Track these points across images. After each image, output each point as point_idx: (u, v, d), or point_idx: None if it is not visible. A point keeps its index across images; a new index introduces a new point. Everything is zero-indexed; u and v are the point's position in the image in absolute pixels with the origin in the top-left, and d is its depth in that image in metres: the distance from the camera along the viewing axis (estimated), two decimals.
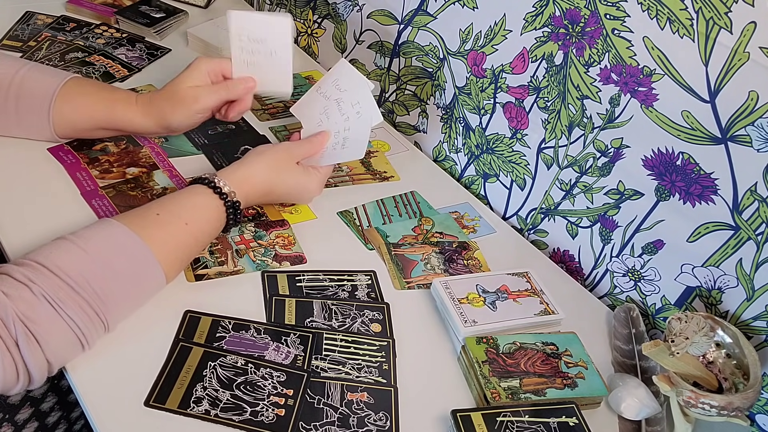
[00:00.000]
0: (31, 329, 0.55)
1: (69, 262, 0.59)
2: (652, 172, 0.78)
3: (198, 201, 0.72)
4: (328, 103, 0.84)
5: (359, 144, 0.83)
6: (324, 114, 0.85)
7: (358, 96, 0.83)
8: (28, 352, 0.54)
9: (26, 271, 0.57)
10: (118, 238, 0.64)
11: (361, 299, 0.76)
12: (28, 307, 0.55)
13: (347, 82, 0.84)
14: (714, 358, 0.71)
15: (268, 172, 0.78)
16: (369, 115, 0.82)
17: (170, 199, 0.71)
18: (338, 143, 0.84)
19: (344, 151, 0.84)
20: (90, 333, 0.59)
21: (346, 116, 0.83)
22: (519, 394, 0.67)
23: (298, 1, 1.23)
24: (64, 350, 0.58)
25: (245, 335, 0.69)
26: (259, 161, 0.78)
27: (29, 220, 0.75)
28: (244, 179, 0.75)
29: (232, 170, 0.76)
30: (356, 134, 0.83)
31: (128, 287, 0.63)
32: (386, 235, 0.87)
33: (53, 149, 0.84)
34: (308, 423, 0.62)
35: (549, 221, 0.93)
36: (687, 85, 0.71)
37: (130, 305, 0.65)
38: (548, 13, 0.82)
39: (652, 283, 0.83)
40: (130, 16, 1.15)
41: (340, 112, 0.84)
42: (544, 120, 0.88)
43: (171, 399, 0.61)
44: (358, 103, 0.83)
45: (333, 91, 0.84)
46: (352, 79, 0.83)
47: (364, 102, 0.83)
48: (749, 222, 0.71)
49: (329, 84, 0.85)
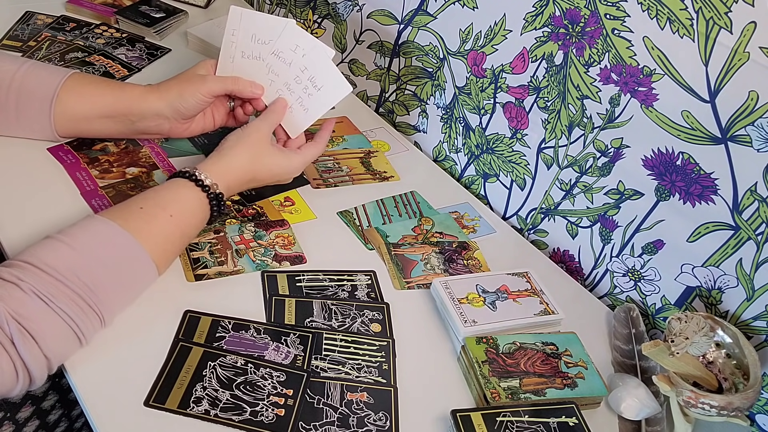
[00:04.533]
0: (25, 326, 0.55)
1: (56, 258, 0.59)
2: (652, 172, 0.78)
3: (181, 194, 0.72)
4: (263, 62, 0.83)
5: (329, 81, 0.81)
6: (271, 73, 0.83)
7: (289, 41, 0.81)
8: (25, 349, 0.54)
9: (14, 270, 0.57)
10: (104, 232, 0.64)
11: (361, 299, 0.76)
12: (19, 304, 0.55)
13: (266, 33, 0.82)
14: (714, 358, 0.71)
15: (247, 161, 0.78)
16: (316, 49, 0.81)
17: (152, 193, 0.71)
18: (303, 94, 0.83)
19: (314, 98, 0.83)
20: (85, 325, 0.59)
21: (291, 63, 0.82)
22: (519, 394, 0.67)
23: (298, 1, 1.23)
24: (60, 344, 0.58)
25: (245, 335, 0.69)
26: (236, 151, 0.78)
27: (29, 219, 0.75)
28: (224, 171, 0.76)
29: (212, 162, 0.76)
30: (317, 71, 0.81)
31: (119, 277, 0.64)
32: (386, 235, 0.87)
33: (53, 149, 0.84)
34: (308, 423, 0.62)
35: (549, 221, 0.93)
36: (687, 85, 0.71)
37: (123, 296, 0.65)
38: (548, 13, 0.82)
39: (652, 283, 0.83)
40: (130, 16, 1.15)
41: (284, 63, 0.82)
42: (544, 120, 0.88)
43: (171, 399, 0.61)
44: (297, 47, 0.81)
45: (258, 48, 0.82)
46: (267, 27, 0.81)
47: (302, 43, 0.81)
48: (749, 222, 0.71)
49: (246, 41, 0.82)
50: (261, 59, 0.83)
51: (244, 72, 0.84)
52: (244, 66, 0.84)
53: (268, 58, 0.83)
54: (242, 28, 0.82)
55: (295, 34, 0.81)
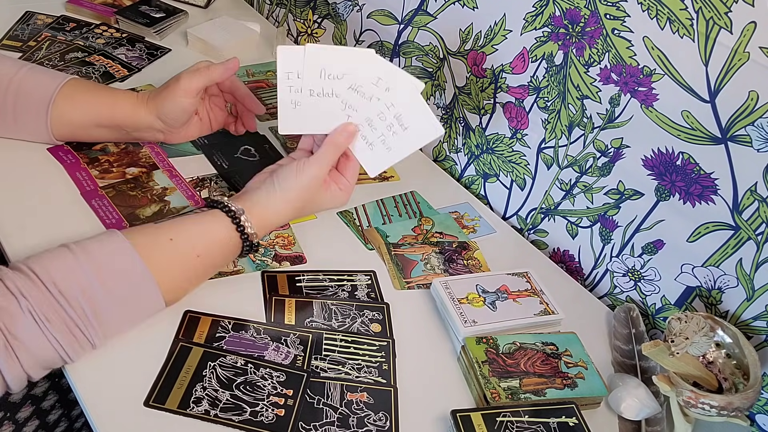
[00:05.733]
0: (12, 345, 0.54)
1: (65, 279, 0.57)
2: (652, 172, 0.78)
3: (215, 234, 0.68)
4: (337, 98, 0.73)
5: (418, 120, 0.71)
6: (348, 109, 0.74)
7: (369, 73, 0.71)
8: (7, 366, 0.54)
9: (19, 280, 0.55)
10: (122, 259, 0.61)
11: (361, 299, 0.76)
12: (12, 321, 0.54)
13: (338, 66, 0.72)
14: (714, 358, 0.71)
15: (297, 210, 0.74)
16: (403, 82, 0.72)
17: (187, 224, 0.68)
18: (387, 132, 0.73)
19: (399, 137, 0.73)
20: (74, 352, 0.58)
21: (372, 97, 0.72)
22: (519, 394, 0.67)
23: (298, 1, 1.23)
24: (44, 365, 0.57)
25: (245, 335, 0.69)
26: (290, 197, 0.73)
27: (29, 219, 0.75)
28: (271, 223, 0.72)
29: (262, 207, 0.71)
30: (404, 108, 0.72)
31: (123, 311, 0.62)
32: (386, 235, 0.87)
33: (53, 149, 0.84)
34: (308, 423, 0.62)
35: (549, 221, 0.93)
36: (687, 85, 0.71)
37: (121, 328, 0.64)
38: (548, 13, 0.82)
39: (652, 283, 0.83)
40: (130, 16, 1.15)
41: (363, 97, 0.73)
42: (544, 120, 0.88)
43: (171, 399, 0.61)
44: (380, 79, 0.72)
45: (330, 84, 0.72)
46: (339, 60, 0.71)
47: (385, 75, 0.71)
48: (749, 222, 0.71)
49: (313, 80, 0.72)
50: (335, 95, 0.74)
51: (317, 113, 0.75)
52: (315, 106, 0.74)
53: (344, 93, 0.74)
54: (307, 64, 0.72)
55: (377, 65, 0.72)
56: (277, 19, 1.30)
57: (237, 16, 1.24)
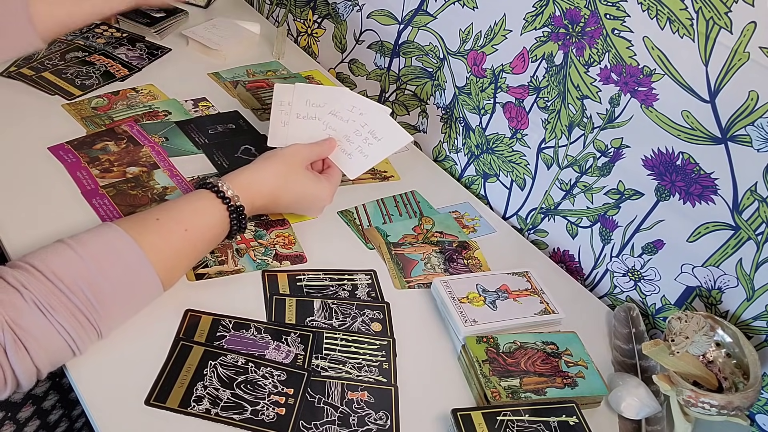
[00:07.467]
0: (20, 336, 0.54)
1: (64, 268, 0.58)
2: (652, 172, 0.78)
3: (200, 206, 0.71)
4: (319, 121, 0.85)
5: (389, 132, 0.84)
6: (329, 129, 0.85)
7: (345, 103, 0.85)
8: (17, 359, 0.54)
9: (20, 275, 0.56)
10: (116, 245, 0.63)
11: (362, 298, 0.77)
12: (18, 314, 0.54)
13: (320, 98, 0.85)
14: (714, 357, 0.71)
15: (274, 177, 0.76)
16: (373, 108, 0.85)
17: (173, 204, 0.70)
18: (363, 144, 0.84)
19: (374, 147, 0.84)
20: (81, 339, 0.58)
21: (348, 120, 0.85)
22: (519, 394, 0.67)
23: (298, 1, 1.23)
24: (53, 357, 0.58)
25: (246, 334, 0.69)
26: (265, 166, 0.76)
27: (29, 219, 0.75)
28: (248, 183, 0.74)
29: (237, 173, 0.75)
30: (376, 125, 0.84)
31: (123, 295, 0.63)
32: (386, 234, 0.87)
33: (53, 148, 0.84)
34: (308, 422, 0.62)
35: (549, 221, 0.93)
36: (687, 85, 0.71)
37: (124, 313, 0.64)
38: (548, 13, 0.82)
39: (652, 282, 0.83)
40: (131, 15, 1.15)
41: (341, 120, 0.85)
42: (544, 120, 0.88)
43: (171, 398, 0.61)
44: (354, 107, 0.85)
45: (314, 110, 0.85)
46: (321, 94, 0.86)
47: (359, 104, 0.85)
48: (749, 222, 0.71)
49: (300, 106, 0.85)
50: (317, 119, 0.85)
51: (301, 131, 0.85)
52: (300, 125, 0.85)
53: (325, 117, 0.85)
54: (296, 96, 0.85)
55: (351, 98, 0.85)
56: (277, 19, 1.30)
57: (237, 16, 1.24)
